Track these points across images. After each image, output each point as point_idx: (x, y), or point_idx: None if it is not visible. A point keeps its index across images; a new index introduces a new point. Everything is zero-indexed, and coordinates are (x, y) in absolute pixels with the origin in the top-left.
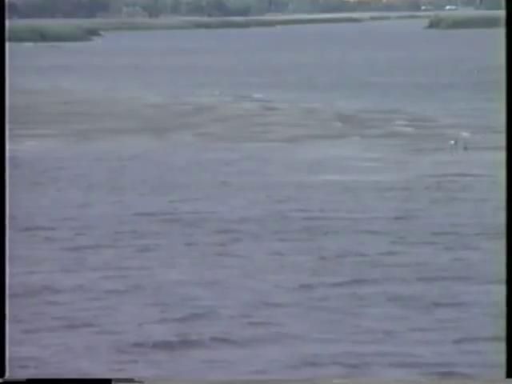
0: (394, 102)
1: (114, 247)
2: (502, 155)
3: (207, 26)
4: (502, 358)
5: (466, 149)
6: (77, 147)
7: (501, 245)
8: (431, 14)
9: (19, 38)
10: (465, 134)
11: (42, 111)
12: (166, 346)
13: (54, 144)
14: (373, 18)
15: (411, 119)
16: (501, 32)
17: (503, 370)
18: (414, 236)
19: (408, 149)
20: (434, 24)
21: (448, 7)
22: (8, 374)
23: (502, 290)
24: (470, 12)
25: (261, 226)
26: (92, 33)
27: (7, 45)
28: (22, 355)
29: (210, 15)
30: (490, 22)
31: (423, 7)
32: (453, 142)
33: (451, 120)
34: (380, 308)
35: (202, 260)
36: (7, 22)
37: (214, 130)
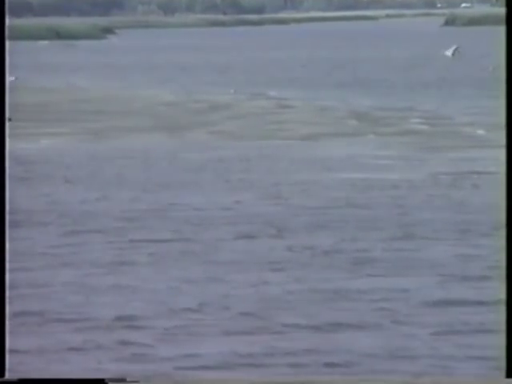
0: (408, 99)
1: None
2: None
3: (222, 24)
4: None
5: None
6: (91, 146)
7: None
8: (446, 11)
9: (35, 37)
10: (480, 132)
11: (57, 109)
12: None
13: (68, 142)
14: (388, 16)
15: (427, 117)
16: None
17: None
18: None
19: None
20: (450, 22)
21: (463, 5)
22: (8, 375)
23: None
24: (485, 9)
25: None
26: (107, 31)
27: (24, 43)
28: None
29: (224, 13)
30: None
31: (439, 5)
32: (449, 53)
33: (466, 116)
34: None
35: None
36: (21, 21)
37: (228, 128)
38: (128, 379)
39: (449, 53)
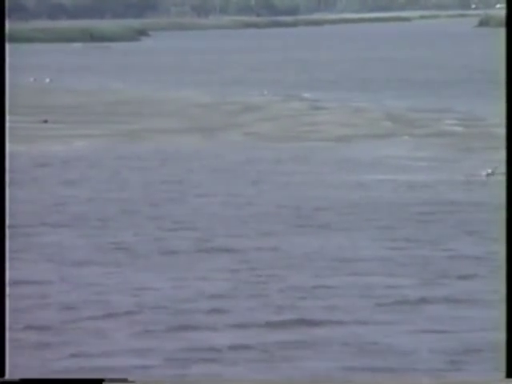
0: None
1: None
2: None
3: (256, 25)
4: None
5: None
6: (125, 147)
7: None
8: (481, 12)
9: (69, 39)
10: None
11: (92, 111)
12: None
13: (102, 144)
14: (422, 17)
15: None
16: None
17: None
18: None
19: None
20: (484, 22)
21: (498, 5)
22: (8, 375)
23: None
24: None
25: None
26: (141, 33)
27: (58, 45)
28: None
29: (258, 15)
30: None
31: (473, 6)
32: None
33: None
34: None
35: None
36: (56, 23)
37: (262, 130)
38: (124, 379)
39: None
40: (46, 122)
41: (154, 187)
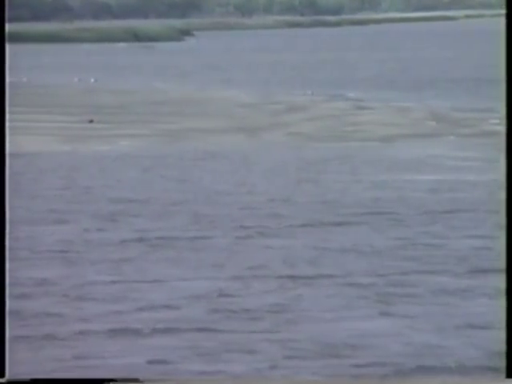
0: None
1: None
2: None
3: (300, 25)
4: None
5: None
6: (168, 147)
7: None
8: None
9: (113, 39)
10: None
11: (136, 111)
12: None
13: (147, 144)
14: (467, 16)
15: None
16: None
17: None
18: None
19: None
20: None
21: None
22: (8, 375)
23: None
24: None
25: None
26: (185, 33)
27: (103, 45)
28: None
29: (302, 14)
30: None
31: None
32: None
33: None
34: None
35: None
36: (101, 23)
37: (306, 130)
38: (135, 379)
39: None
40: (91, 121)
41: (197, 185)
